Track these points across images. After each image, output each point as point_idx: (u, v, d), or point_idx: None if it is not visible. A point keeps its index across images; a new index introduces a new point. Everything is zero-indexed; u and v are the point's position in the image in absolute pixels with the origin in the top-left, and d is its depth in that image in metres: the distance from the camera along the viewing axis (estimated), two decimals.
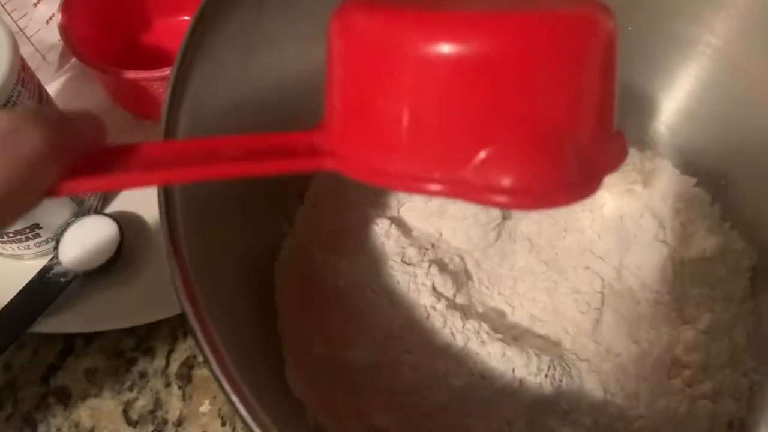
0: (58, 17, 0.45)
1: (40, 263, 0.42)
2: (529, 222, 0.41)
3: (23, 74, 0.36)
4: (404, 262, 0.36)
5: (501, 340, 0.35)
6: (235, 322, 0.30)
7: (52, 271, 0.41)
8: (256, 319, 0.35)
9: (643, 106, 0.41)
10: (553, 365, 0.35)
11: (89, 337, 0.43)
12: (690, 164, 0.41)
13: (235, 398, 0.20)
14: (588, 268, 0.39)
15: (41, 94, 0.38)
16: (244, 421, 0.20)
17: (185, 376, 0.42)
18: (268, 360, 0.34)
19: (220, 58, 0.29)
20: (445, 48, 0.18)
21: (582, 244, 0.40)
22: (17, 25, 0.45)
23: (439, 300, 0.35)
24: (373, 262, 0.36)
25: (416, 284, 0.36)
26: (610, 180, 0.41)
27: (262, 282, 0.37)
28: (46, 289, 0.41)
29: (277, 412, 0.29)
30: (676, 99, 0.39)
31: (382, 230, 0.37)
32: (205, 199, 0.29)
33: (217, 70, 0.29)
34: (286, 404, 0.33)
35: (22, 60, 0.36)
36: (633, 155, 0.42)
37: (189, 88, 0.26)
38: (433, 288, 0.36)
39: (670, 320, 0.38)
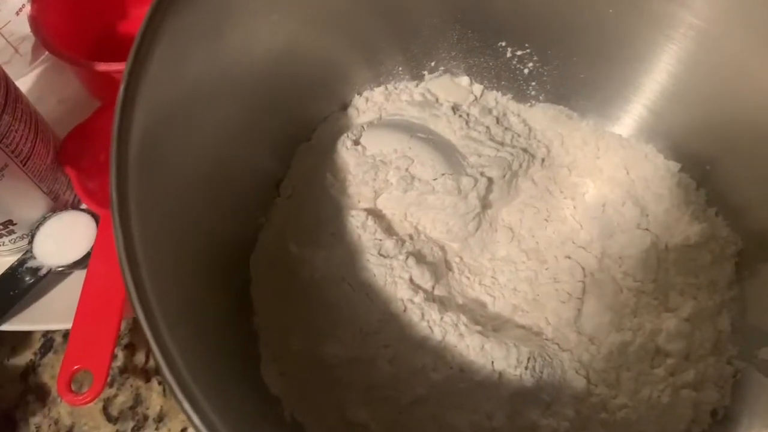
0: (29, 8, 0.44)
1: None
2: (510, 211, 0.40)
3: None
4: (381, 255, 0.35)
5: (480, 332, 0.34)
6: (202, 319, 0.29)
7: (26, 265, 0.41)
8: (231, 315, 0.35)
9: (625, 89, 0.40)
10: (533, 357, 0.34)
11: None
12: (674, 149, 0.40)
13: (187, 405, 0.19)
14: (569, 257, 0.38)
15: (7, 90, 0.37)
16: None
17: None
18: (242, 356, 0.34)
19: (183, 47, 0.28)
20: None
21: (563, 234, 0.39)
22: None
23: (416, 293, 0.35)
24: (349, 254, 0.35)
25: (393, 277, 0.35)
26: (592, 166, 0.41)
27: (239, 276, 0.36)
28: (19, 284, 0.40)
29: (245, 411, 0.29)
30: (658, 81, 0.38)
31: (358, 222, 0.36)
32: (170, 192, 0.29)
33: (179, 60, 0.28)
34: (259, 401, 0.32)
35: None
36: (616, 140, 0.41)
37: (145, 82, 0.25)
38: (411, 280, 0.35)
39: (653, 308, 0.37)
